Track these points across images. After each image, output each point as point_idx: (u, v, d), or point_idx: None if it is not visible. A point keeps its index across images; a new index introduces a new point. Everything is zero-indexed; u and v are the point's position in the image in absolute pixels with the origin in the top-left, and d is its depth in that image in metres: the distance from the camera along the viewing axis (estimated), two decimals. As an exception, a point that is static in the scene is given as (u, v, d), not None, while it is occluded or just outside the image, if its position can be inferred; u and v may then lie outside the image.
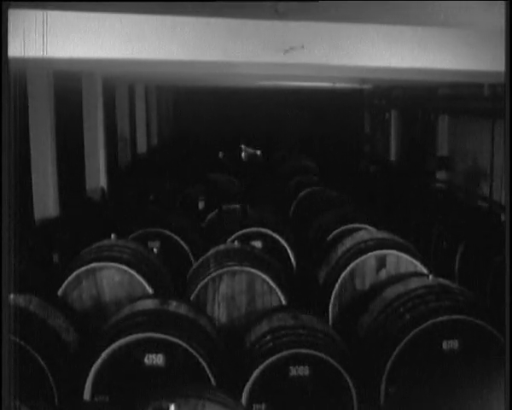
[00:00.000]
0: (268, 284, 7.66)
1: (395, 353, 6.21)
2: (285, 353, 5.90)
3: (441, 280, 7.35)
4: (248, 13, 6.10)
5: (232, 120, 28.61)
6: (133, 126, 20.80)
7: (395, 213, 12.97)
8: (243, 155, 9.43)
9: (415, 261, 8.05)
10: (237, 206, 11.91)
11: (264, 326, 6.57)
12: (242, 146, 9.55)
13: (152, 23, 6.39)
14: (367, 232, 9.18)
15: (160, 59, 6.70)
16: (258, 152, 9.58)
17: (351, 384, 5.88)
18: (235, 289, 7.68)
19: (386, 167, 21.30)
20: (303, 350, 5.92)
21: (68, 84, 13.45)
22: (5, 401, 3.02)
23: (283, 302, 7.63)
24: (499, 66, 4.26)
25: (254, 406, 5.91)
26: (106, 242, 8.75)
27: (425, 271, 7.95)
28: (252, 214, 11.06)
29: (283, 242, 9.69)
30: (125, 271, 7.93)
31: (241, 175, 16.45)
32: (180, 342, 5.85)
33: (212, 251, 8.56)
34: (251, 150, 9.56)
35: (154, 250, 9.54)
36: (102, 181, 14.19)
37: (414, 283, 7.25)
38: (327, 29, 6.71)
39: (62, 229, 10.62)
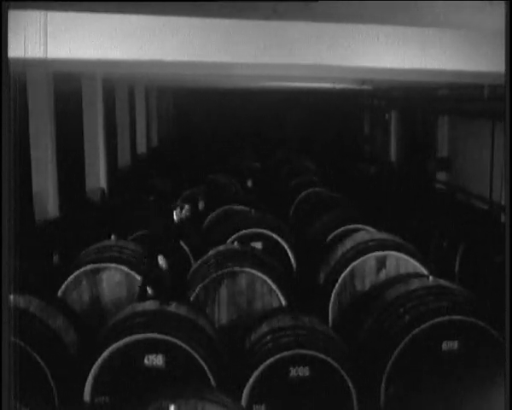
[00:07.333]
0: (268, 284, 7.65)
1: (395, 353, 6.20)
2: (285, 353, 5.89)
3: (441, 281, 7.34)
4: (247, 13, 6.09)
5: (232, 120, 28.64)
6: (133, 127, 20.80)
7: (395, 214, 12.96)
8: None
9: (415, 262, 8.05)
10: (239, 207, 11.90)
11: (264, 327, 6.56)
12: None
13: (152, 24, 6.39)
14: (367, 233, 9.18)
15: (160, 60, 6.69)
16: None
17: (351, 385, 5.87)
18: (235, 290, 7.68)
19: (386, 168, 21.29)
20: (303, 351, 5.92)
21: (68, 84, 13.46)
22: (5, 402, 3.01)
23: (283, 303, 7.63)
24: (499, 67, 4.26)
25: (254, 406, 5.91)
26: (106, 242, 8.76)
27: (425, 272, 7.94)
28: (252, 215, 11.05)
29: (283, 243, 9.69)
30: (125, 271, 7.93)
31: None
32: (180, 342, 5.84)
33: (212, 252, 8.55)
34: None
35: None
36: (102, 182, 14.20)
37: (414, 284, 7.25)
38: (326, 29, 6.70)
39: (62, 230, 10.63)
